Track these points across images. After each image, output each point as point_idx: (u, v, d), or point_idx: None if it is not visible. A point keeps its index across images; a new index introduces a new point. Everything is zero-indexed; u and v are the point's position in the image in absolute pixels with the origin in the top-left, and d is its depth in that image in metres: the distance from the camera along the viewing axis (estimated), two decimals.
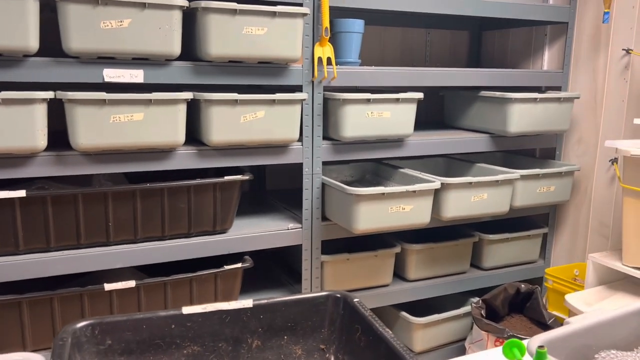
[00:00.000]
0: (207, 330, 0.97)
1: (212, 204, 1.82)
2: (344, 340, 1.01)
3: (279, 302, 1.02)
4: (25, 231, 1.59)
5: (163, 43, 1.61)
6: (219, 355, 0.97)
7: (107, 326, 0.91)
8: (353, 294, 1.07)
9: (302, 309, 1.03)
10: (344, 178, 2.27)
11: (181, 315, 0.96)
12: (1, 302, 1.57)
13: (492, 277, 2.37)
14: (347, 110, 1.88)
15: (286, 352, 1.01)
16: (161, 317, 0.95)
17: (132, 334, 0.92)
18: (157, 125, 1.64)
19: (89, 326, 0.91)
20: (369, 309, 0.99)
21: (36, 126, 1.50)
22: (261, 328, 1.01)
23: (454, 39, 2.83)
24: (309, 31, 1.86)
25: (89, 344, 0.90)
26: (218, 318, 0.98)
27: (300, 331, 1.02)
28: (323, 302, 1.04)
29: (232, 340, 0.99)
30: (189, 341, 0.96)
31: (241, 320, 0.99)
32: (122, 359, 0.91)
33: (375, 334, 0.91)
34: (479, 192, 2.03)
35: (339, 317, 1.03)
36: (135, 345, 0.93)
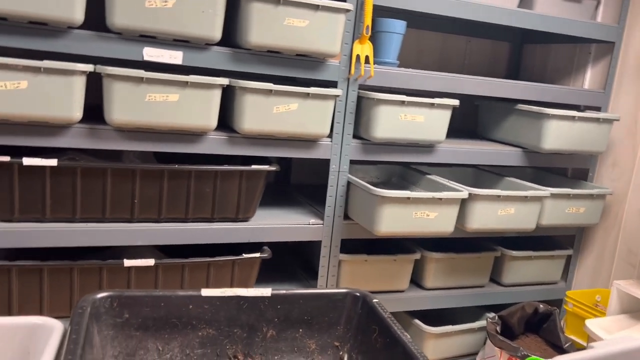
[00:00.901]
0: (223, 314, 0.97)
1: (237, 191, 1.82)
2: (359, 340, 1.00)
3: (297, 295, 1.02)
4: (53, 200, 1.62)
5: (205, 26, 1.62)
6: (233, 340, 0.97)
7: (126, 300, 0.92)
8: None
9: (319, 304, 1.02)
10: (370, 179, 2.25)
11: (199, 297, 0.96)
12: (24, 267, 1.60)
13: (511, 294, 2.32)
14: (380, 110, 1.87)
15: (300, 345, 1.00)
16: (180, 297, 0.95)
17: (150, 310, 0.93)
18: (191, 108, 1.64)
19: (109, 298, 0.91)
20: (388, 311, 0.97)
21: (74, 97, 1.52)
22: (277, 318, 1.00)
23: (494, 50, 2.78)
24: (350, 28, 1.84)
25: (106, 316, 0.90)
26: (235, 304, 0.98)
27: (316, 326, 1.01)
28: (341, 299, 1.03)
29: (247, 327, 0.98)
30: (204, 323, 0.96)
31: (258, 309, 0.99)
32: (138, 334, 0.92)
33: (393, 337, 0.89)
34: (507, 206, 1.99)
35: (356, 316, 1.02)
36: (152, 321, 0.93)
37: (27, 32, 1.50)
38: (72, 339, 0.76)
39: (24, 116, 1.50)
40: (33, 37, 1.50)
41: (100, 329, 0.89)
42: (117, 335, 0.91)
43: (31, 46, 1.51)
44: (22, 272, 1.60)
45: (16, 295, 1.62)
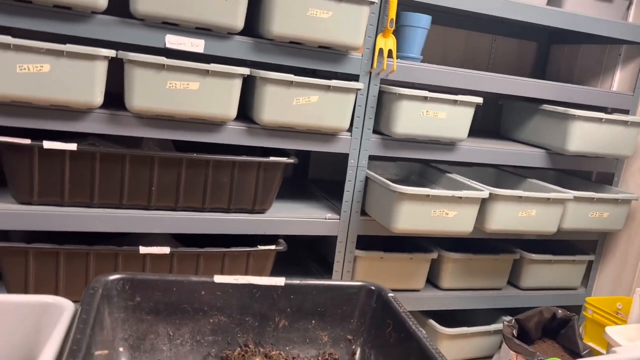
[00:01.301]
0: (236, 302, 0.96)
1: (254, 182, 1.81)
2: (373, 334, 0.97)
3: (311, 285, 1.00)
4: (72, 184, 1.63)
5: (227, 15, 1.61)
6: (245, 329, 0.96)
7: (139, 283, 0.91)
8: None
9: (333, 296, 1.00)
10: (389, 176, 2.22)
11: (212, 283, 0.95)
12: (41, 250, 1.61)
13: (528, 297, 2.27)
14: (402, 105, 1.84)
15: (312, 336, 0.99)
16: (192, 282, 0.94)
17: (162, 294, 0.92)
18: (211, 96, 1.64)
19: (121, 280, 0.90)
20: (404, 306, 0.95)
21: (95, 82, 1.53)
22: (290, 308, 0.98)
23: (521, 49, 2.73)
24: (374, 21, 1.82)
25: (118, 298, 0.89)
26: (248, 292, 0.96)
27: (329, 318, 1.00)
28: (356, 292, 1.01)
29: (259, 316, 0.97)
30: (216, 310, 0.95)
31: (271, 298, 0.97)
32: (149, 318, 0.91)
33: (408, 332, 0.87)
34: (528, 207, 1.94)
35: (371, 310, 1.00)
36: (164, 306, 0.92)
37: (52, 15, 1.50)
38: (82, 318, 0.75)
39: (45, 99, 1.51)
40: (57, 20, 1.51)
41: (112, 311, 0.88)
42: (128, 318, 0.90)
43: (55, 30, 1.51)
44: (39, 254, 1.62)
45: (32, 277, 1.63)
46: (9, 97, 1.48)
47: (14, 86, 1.46)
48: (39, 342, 0.84)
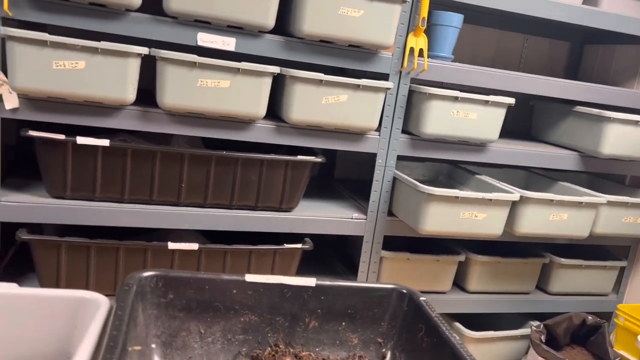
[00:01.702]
0: (266, 301, 0.96)
1: (282, 180, 1.81)
2: (404, 338, 0.96)
3: (342, 287, 0.99)
4: (104, 180, 1.65)
5: (259, 13, 1.61)
6: (275, 328, 0.96)
7: (172, 280, 0.92)
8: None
9: (364, 298, 1.00)
10: (416, 176, 2.20)
11: (244, 282, 0.95)
12: (74, 243, 1.63)
13: (557, 303, 2.23)
14: (432, 105, 1.82)
15: (342, 338, 0.98)
16: (224, 281, 0.94)
17: (194, 292, 0.92)
18: (241, 94, 1.64)
19: (154, 277, 0.91)
20: (436, 311, 0.94)
21: (128, 79, 1.54)
22: (320, 309, 0.98)
23: (553, 49, 2.67)
24: (405, 19, 1.80)
25: (151, 295, 0.90)
26: (279, 292, 0.96)
27: (360, 320, 0.99)
28: (387, 295, 1.00)
29: (290, 316, 0.97)
30: (247, 309, 0.95)
31: (301, 298, 0.97)
32: (181, 315, 0.91)
33: (441, 337, 0.86)
34: (559, 211, 1.90)
35: (402, 313, 0.99)
36: (196, 304, 0.93)
37: (87, 13, 1.52)
38: (117, 315, 0.76)
39: (80, 96, 1.53)
40: (92, 18, 1.53)
41: (145, 308, 0.89)
42: (160, 315, 0.91)
43: (90, 27, 1.53)
44: (71, 248, 1.64)
45: (64, 270, 1.66)
46: (45, 93, 1.51)
47: (50, 82, 1.49)
48: (74, 334, 0.85)
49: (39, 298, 0.88)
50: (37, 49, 1.45)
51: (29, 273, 1.79)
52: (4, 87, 1.51)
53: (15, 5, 1.47)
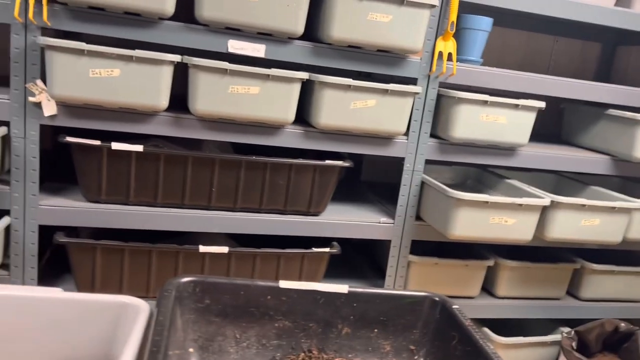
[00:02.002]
0: (300, 307, 0.97)
1: (309, 185, 1.83)
2: (436, 346, 0.97)
3: (374, 294, 1.00)
4: (137, 184, 1.69)
5: (288, 20, 1.63)
6: (309, 335, 0.97)
7: (208, 286, 0.94)
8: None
9: (396, 305, 1.00)
10: (444, 180, 2.19)
11: (278, 288, 0.96)
12: (108, 246, 1.68)
13: (589, 309, 2.19)
14: (461, 109, 1.81)
15: (374, 345, 0.99)
16: (259, 287, 0.96)
17: (230, 297, 0.94)
18: (271, 100, 1.66)
19: (192, 283, 0.93)
20: (469, 319, 0.94)
21: (162, 86, 1.58)
22: (353, 316, 0.99)
23: (584, 51, 2.62)
24: (434, 24, 1.80)
25: (189, 300, 0.93)
26: (312, 298, 0.98)
27: (392, 327, 1.00)
28: (419, 303, 1.00)
29: (323, 322, 0.98)
30: (281, 315, 0.96)
31: (334, 305, 0.98)
32: (217, 320, 0.93)
33: (475, 346, 0.86)
34: (591, 216, 1.87)
35: (434, 321, 0.99)
36: (231, 309, 0.95)
37: (122, 22, 1.56)
38: (159, 320, 0.78)
39: (115, 102, 1.57)
40: (127, 27, 1.57)
41: (183, 313, 0.91)
42: (198, 319, 0.93)
43: (125, 36, 1.57)
44: (106, 251, 1.69)
45: (99, 272, 1.71)
46: (81, 100, 1.55)
47: (86, 90, 1.53)
48: (116, 338, 0.88)
49: (82, 302, 0.91)
50: (74, 58, 1.50)
51: (65, 275, 1.84)
52: (43, 95, 1.56)
53: (53, 16, 1.51)
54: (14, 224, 1.62)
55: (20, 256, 1.65)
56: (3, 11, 1.49)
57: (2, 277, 1.65)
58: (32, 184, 1.61)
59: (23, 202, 1.62)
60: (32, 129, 1.58)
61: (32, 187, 1.62)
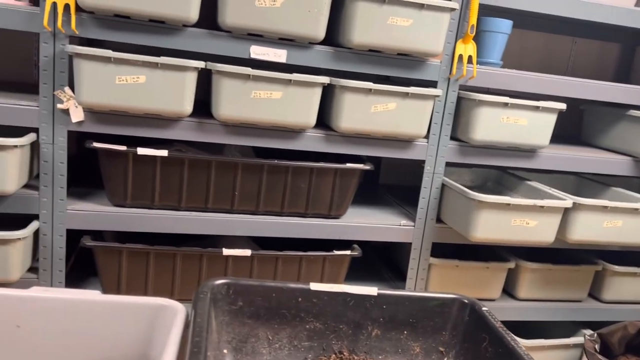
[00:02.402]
0: (330, 309, 0.98)
1: (330, 188, 1.84)
2: (466, 348, 0.97)
3: (404, 296, 1.01)
4: (162, 188, 1.72)
5: (310, 26, 1.64)
6: (339, 336, 0.98)
7: (241, 288, 0.95)
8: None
9: (425, 308, 1.01)
10: (464, 182, 2.19)
11: (309, 290, 0.98)
12: (134, 249, 1.71)
13: (611, 311, 2.18)
14: (481, 112, 1.81)
15: (404, 347, 1.00)
16: (290, 289, 0.98)
17: (262, 299, 0.96)
18: (292, 105, 1.68)
19: (225, 285, 0.95)
20: (499, 320, 0.94)
21: (186, 92, 1.60)
22: (382, 318, 1.00)
23: (602, 51, 2.61)
24: (454, 27, 1.80)
25: (223, 302, 0.94)
26: (342, 300, 0.99)
27: (421, 329, 1.00)
28: (448, 305, 1.01)
29: (353, 324, 0.99)
30: (312, 317, 0.98)
31: (364, 307, 1.00)
32: (250, 322, 0.95)
33: (507, 348, 0.87)
34: (614, 218, 1.87)
35: (463, 323, 1.00)
36: (263, 311, 0.96)
37: (147, 29, 1.59)
38: (197, 322, 0.80)
39: (140, 108, 1.60)
40: (152, 34, 1.60)
41: (217, 315, 0.93)
42: (231, 321, 0.95)
43: (150, 43, 1.60)
44: (132, 254, 1.72)
45: (125, 275, 1.73)
46: (108, 107, 1.58)
47: (113, 96, 1.56)
48: (153, 339, 0.90)
49: (120, 304, 0.93)
50: (101, 65, 1.53)
51: (90, 278, 1.87)
52: (71, 102, 1.59)
53: (81, 24, 1.55)
54: (43, 228, 1.66)
55: (48, 260, 1.69)
56: (32, 20, 1.53)
57: (31, 280, 1.68)
58: (60, 189, 1.65)
59: (51, 206, 1.65)
60: (60, 135, 1.62)
61: (60, 192, 1.65)
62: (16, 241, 1.55)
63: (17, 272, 1.59)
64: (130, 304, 0.92)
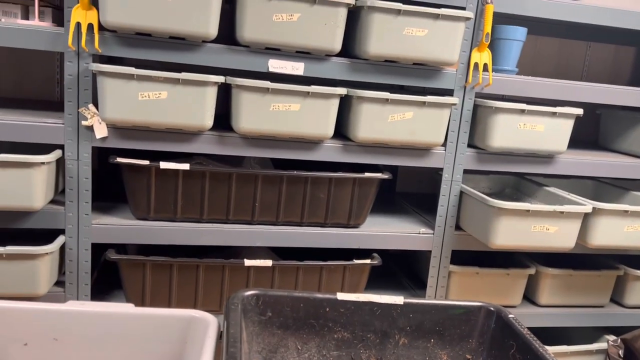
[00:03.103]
0: (358, 319, 1.00)
1: (349, 197, 1.86)
2: (494, 355, 0.98)
3: (429, 305, 1.02)
4: (184, 201, 1.74)
5: (326, 38, 1.67)
6: (367, 345, 1.00)
7: (270, 299, 0.97)
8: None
9: (451, 316, 1.02)
10: (482, 189, 2.19)
11: (336, 300, 0.99)
12: (157, 262, 1.73)
13: (634, 316, 2.16)
14: (498, 119, 1.82)
15: (432, 355, 1.01)
16: (317, 299, 0.99)
17: (291, 310, 0.98)
18: (311, 116, 1.70)
19: (254, 296, 0.97)
20: (526, 327, 0.95)
21: (206, 107, 1.63)
22: (409, 327, 1.01)
23: (618, 55, 2.61)
24: (469, 36, 1.82)
25: (252, 313, 0.96)
26: (369, 309, 1.00)
27: (448, 337, 1.01)
28: (474, 312, 1.02)
29: (380, 333, 1.00)
30: (340, 326, 0.99)
31: (391, 316, 1.01)
32: (279, 332, 0.97)
33: (535, 355, 0.87)
34: (635, 222, 1.86)
35: (489, 330, 1.01)
36: (292, 321, 0.98)
37: (168, 46, 1.63)
38: (230, 333, 0.82)
39: (162, 124, 1.63)
40: (172, 50, 1.63)
41: (247, 325, 0.95)
42: (261, 332, 0.96)
43: (171, 59, 1.64)
44: (156, 266, 1.74)
45: (149, 287, 1.76)
46: (131, 122, 1.62)
47: (135, 112, 1.60)
48: (186, 350, 0.92)
49: (153, 317, 0.95)
50: (124, 82, 1.57)
51: (114, 290, 1.90)
52: (95, 119, 1.63)
53: (104, 43, 1.59)
54: (69, 242, 1.69)
55: (74, 273, 1.72)
56: (57, 40, 1.57)
57: (58, 294, 1.71)
58: (85, 204, 1.68)
59: (77, 221, 1.68)
60: (84, 151, 1.66)
61: (85, 207, 1.68)
62: (44, 256, 1.58)
63: (45, 286, 1.62)
64: (163, 316, 0.94)
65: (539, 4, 1.85)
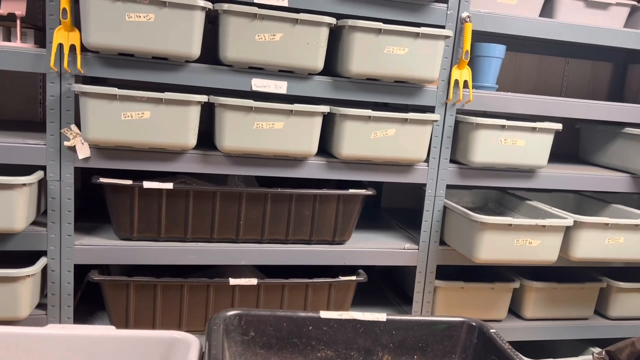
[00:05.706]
0: (341, 337, 1.00)
1: (334, 214, 1.87)
2: None
3: (412, 321, 1.03)
4: (168, 220, 1.74)
5: (308, 58, 1.69)
6: None
7: (252, 318, 0.97)
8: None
9: (433, 332, 1.03)
10: (465, 204, 2.22)
11: (319, 319, 0.99)
12: (141, 282, 1.72)
13: (618, 328, 2.18)
14: (479, 134, 1.85)
15: None
16: (300, 318, 0.99)
17: (273, 329, 0.97)
18: (294, 134, 1.72)
19: (237, 316, 0.97)
20: (508, 342, 0.96)
21: (190, 126, 1.64)
22: (392, 343, 1.01)
23: (595, 71, 2.67)
24: (448, 53, 1.85)
25: (235, 333, 0.96)
26: (352, 327, 1.00)
27: (431, 353, 1.02)
28: (456, 328, 1.02)
29: (363, 350, 1.00)
30: (323, 345, 0.99)
31: (374, 333, 1.01)
32: (262, 352, 0.96)
33: None
34: (615, 234, 1.89)
35: (472, 346, 1.01)
36: (275, 340, 0.98)
37: (151, 66, 1.64)
38: (213, 354, 0.82)
39: (145, 143, 1.63)
40: (155, 70, 1.64)
41: (230, 345, 0.94)
42: (244, 352, 0.96)
43: (154, 79, 1.64)
44: (139, 287, 1.73)
45: (133, 308, 1.74)
46: (114, 142, 1.62)
47: (118, 132, 1.60)
48: None
49: (135, 339, 0.94)
50: (107, 103, 1.57)
51: (98, 311, 1.88)
52: (77, 139, 1.63)
53: (86, 64, 1.59)
54: (51, 264, 1.67)
55: (57, 295, 1.70)
56: (39, 61, 1.58)
57: (40, 316, 1.69)
58: (67, 224, 1.67)
59: (59, 242, 1.67)
60: (67, 172, 1.65)
61: (68, 228, 1.67)
62: (25, 278, 1.56)
63: (26, 309, 1.60)
64: (144, 337, 0.93)
65: (516, 22, 1.89)
